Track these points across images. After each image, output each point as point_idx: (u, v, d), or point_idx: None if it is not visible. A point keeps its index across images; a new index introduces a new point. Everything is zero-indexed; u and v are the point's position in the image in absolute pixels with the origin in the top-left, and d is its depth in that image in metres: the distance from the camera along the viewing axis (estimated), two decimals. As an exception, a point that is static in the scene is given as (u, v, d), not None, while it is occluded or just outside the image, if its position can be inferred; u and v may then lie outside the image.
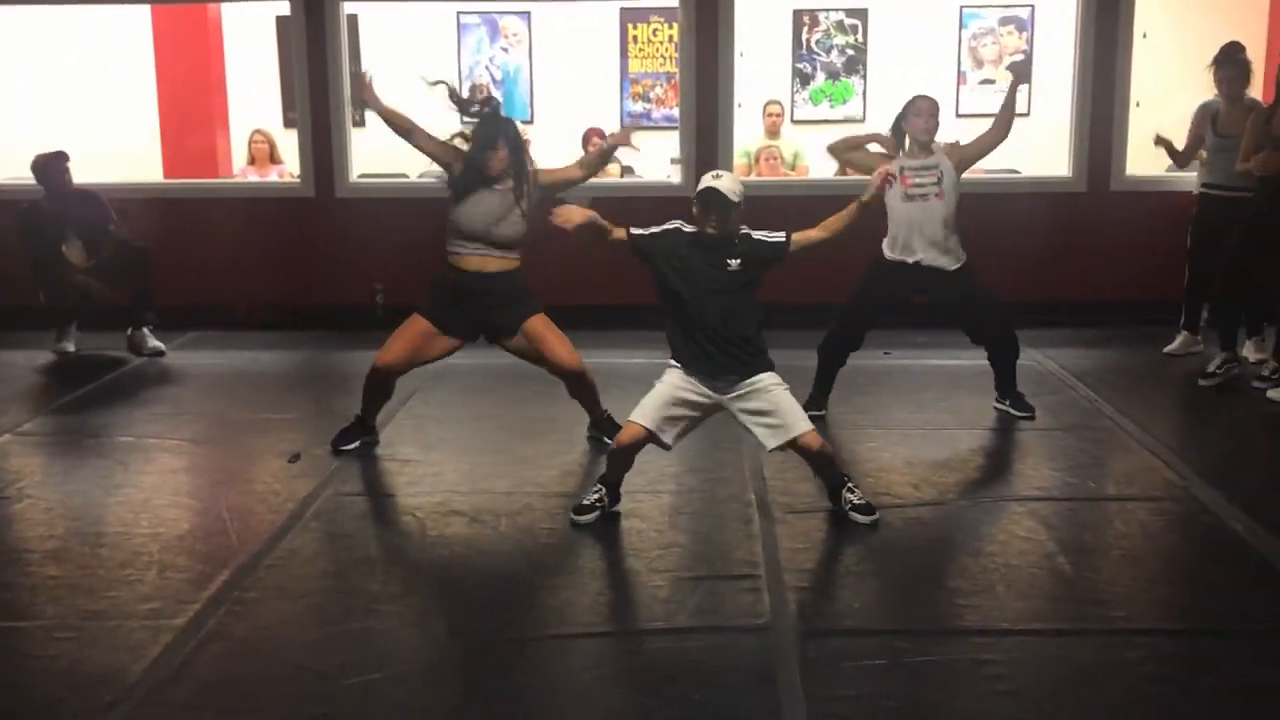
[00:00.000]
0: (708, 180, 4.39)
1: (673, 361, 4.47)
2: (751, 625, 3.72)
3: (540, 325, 5.30)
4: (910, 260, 5.75)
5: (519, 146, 5.20)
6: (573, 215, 4.44)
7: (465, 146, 5.25)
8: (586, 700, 3.31)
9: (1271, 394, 6.13)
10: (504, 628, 3.71)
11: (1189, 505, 4.76)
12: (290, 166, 9.07)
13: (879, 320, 6.01)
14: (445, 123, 5.43)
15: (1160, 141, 7.23)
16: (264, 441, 5.72)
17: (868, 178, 4.83)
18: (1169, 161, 7.57)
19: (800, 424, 4.43)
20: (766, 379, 4.43)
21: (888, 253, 5.83)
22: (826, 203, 7.80)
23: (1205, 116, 6.92)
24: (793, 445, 4.45)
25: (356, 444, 5.48)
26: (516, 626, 3.71)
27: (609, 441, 5.02)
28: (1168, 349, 7.20)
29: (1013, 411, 5.95)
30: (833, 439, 5.60)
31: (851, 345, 6.05)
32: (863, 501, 4.56)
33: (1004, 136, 6.02)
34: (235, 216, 8.31)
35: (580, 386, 5.44)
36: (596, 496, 4.57)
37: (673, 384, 4.44)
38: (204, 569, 4.17)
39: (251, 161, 9.29)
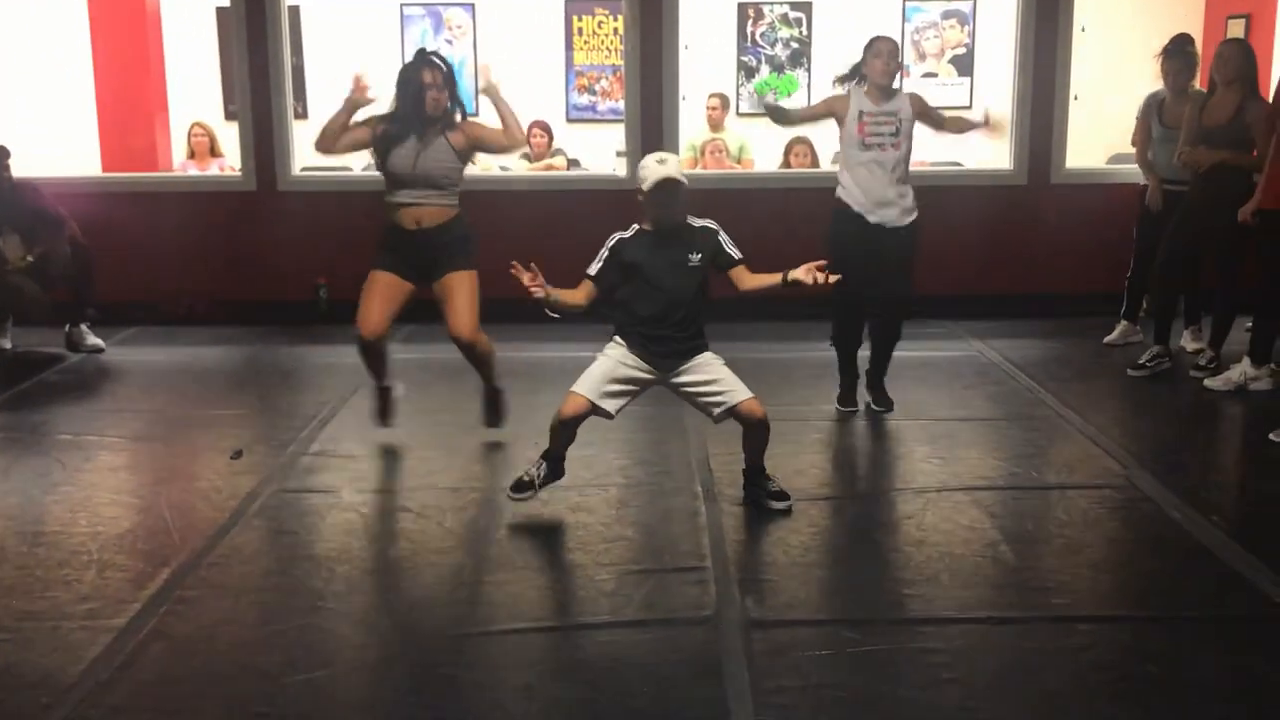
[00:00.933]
0: (658, 169, 4.33)
1: (617, 339, 4.50)
2: (698, 618, 3.72)
3: (456, 282, 5.21)
4: (870, 218, 5.65)
5: (451, 82, 5.21)
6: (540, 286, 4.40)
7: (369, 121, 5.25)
8: (532, 695, 3.29)
9: (1209, 383, 6.23)
10: (449, 624, 3.69)
11: (1129, 493, 4.82)
12: (231, 160, 8.96)
13: (868, 284, 5.64)
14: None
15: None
16: (206, 438, 5.65)
17: (810, 170, 4.86)
18: (1109, 154, 7.68)
19: (742, 392, 4.50)
20: (707, 355, 4.53)
21: (847, 201, 5.71)
22: (772, 196, 7.88)
23: (1151, 108, 6.99)
24: (735, 413, 4.50)
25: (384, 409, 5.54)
26: (461, 622, 3.69)
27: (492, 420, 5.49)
28: (1108, 339, 7.29)
29: (875, 406, 5.90)
30: (777, 430, 5.61)
31: (858, 325, 5.91)
32: (778, 489, 4.61)
33: (947, 131, 6.05)
34: (176, 211, 8.18)
35: (472, 356, 5.36)
36: (534, 473, 4.55)
37: (616, 359, 4.47)
38: (144, 568, 4.11)
39: (192, 155, 9.17)
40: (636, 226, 4.49)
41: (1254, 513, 4.79)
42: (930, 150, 8.12)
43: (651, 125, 8.04)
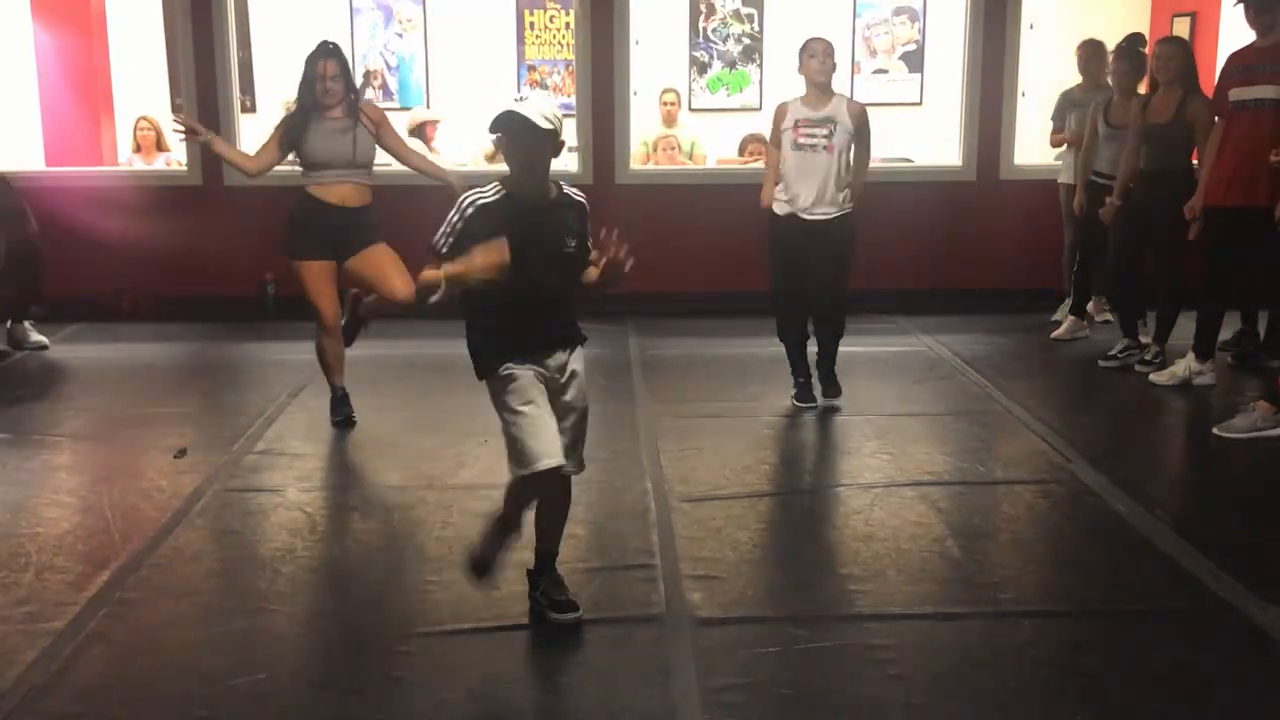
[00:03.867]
0: (511, 102, 3.28)
1: (509, 366, 3.42)
2: (646, 615, 3.71)
3: (381, 253, 5.51)
4: (804, 216, 5.70)
5: (348, 72, 5.53)
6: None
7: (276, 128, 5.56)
8: (478, 697, 3.27)
9: (1154, 378, 6.29)
10: (395, 625, 3.65)
11: (1073, 487, 4.86)
12: (178, 154, 8.84)
13: (808, 282, 5.82)
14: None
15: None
16: (149, 436, 5.57)
17: (764, 166, 4.81)
18: (1056, 151, 7.75)
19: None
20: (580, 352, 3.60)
21: (778, 208, 5.79)
22: (725, 192, 7.90)
23: (1098, 107, 7.04)
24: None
25: (348, 414, 5.63)
26: (407, 623, 3.65)
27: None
28: (1055, 334, 7.35)
29: (824, 396, 5.95)
30: (727, 427, 5.63)
31: (801, 319, 5.97)
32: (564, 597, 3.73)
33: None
34: (120, 205, 8.07)
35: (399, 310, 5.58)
36: (491, 552, 3.70)
37: (528, 390, 3.42)
38: (84, 569, 4.04)
39: (137, 149, 9.05)
40: (495, 184, 3.40)
41: (1197, 506, 4.84)
42: (880, 147, 8.14)
43: (603, 120, 8.03)
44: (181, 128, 5.77)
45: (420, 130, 8.72)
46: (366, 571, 4.13)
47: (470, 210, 3.31)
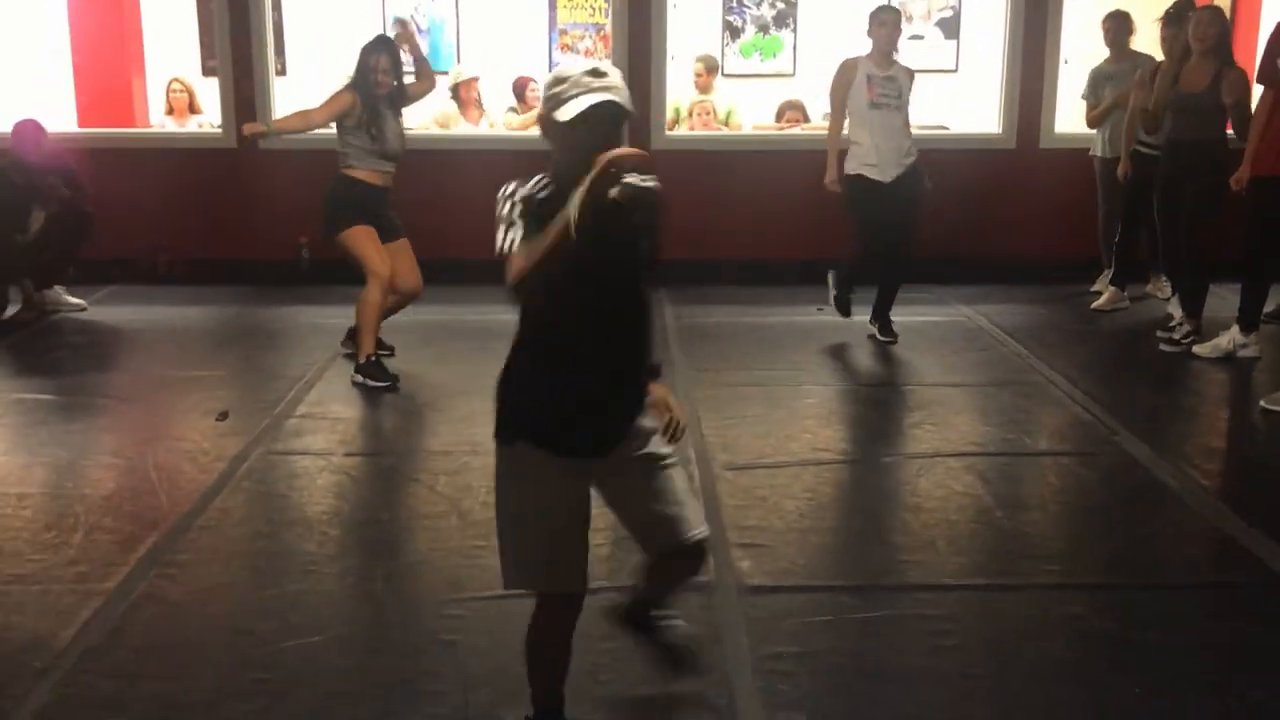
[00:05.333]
0: (591, 80, 2.41)
1: (534, 447, 2.55)
2: (695, 584, 3.67)
3: (406, 245, 5.93)
4: (885, 180, 6.18)
5: (398, 65, 5.81)
6: None
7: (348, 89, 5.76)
8: (533, 661, 3.26)
9: (1198, 349, 6.22)
10: (445, 588, 3.65)
11: (1120, 459, 4.82)
12: (210, 116, 8.82)
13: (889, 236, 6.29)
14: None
15: None
16: (190, 399, 5.57)
17: (802, 131, 4.82)
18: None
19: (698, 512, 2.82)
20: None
21: (865, 171, 6.19)
22: (763, 158, 7.84)
23: (1146, 75, 6.90)
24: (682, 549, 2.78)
25: (384, 382, 5.65)
26: (457, 587, 3.65)
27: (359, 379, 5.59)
28: (1095, 305, 7.29)
29: (880, 336, 6.41)
30: (770, 396, 5.60)
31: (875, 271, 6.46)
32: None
33: None
34: (155, 168, 8.06)
35: (402, 306, 5.99)
36: None
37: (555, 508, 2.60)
38: (133, 530, 4.06)
39: (170, 111, 9.01)
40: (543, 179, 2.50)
41: (1246, 479, 4.80)
42: (917, 114, 8.07)
43: (639, 85, 7.95)
44: (249, 134, 6.00)
45: (457, 91, 8.69)
46: (414, 535, 4.14)
47: (519, 202, 2.44)
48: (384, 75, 5.71)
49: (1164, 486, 4.52)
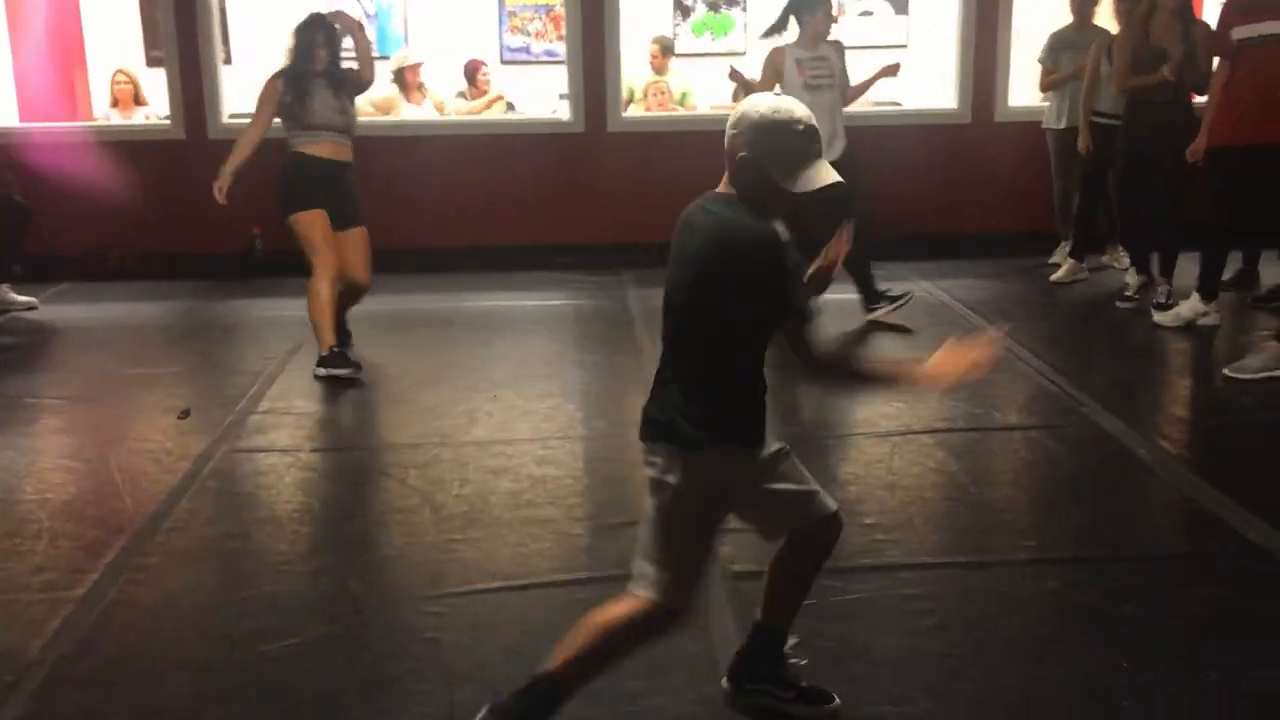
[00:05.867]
0: (814, 146, 2.55)
1: (728, 443, 2.64)
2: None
3: (359, 237, 5.83)
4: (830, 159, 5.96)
5: (335, 41, 5.82)
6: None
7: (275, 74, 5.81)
8: (519, 654, 3.21)
9: (1158, 319, 6.27)
10: (423, 585, 3.60)
11: (1088, 430, 4.85)
12: (157, 108, 8.66)
13: None
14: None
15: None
16: (150, 398, 5.48)
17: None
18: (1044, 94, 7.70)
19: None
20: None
21: None
22: (720, 139, 7.71)
23: (1101, 47, 6.97)
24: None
25: (347, 370, 5.55)
26: (437, 583, 3.60)
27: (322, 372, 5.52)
28: (1054, 277, 7.33)
29: (887, 308, 6.38)
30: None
31: None
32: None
33: (843, 105, 6.45)
34: (102, 161, 7.89)
35: (353, 299, 5.92)
36: None
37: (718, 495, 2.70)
38: (99, 535, 3.97)
39: (115, 104, 8.84)
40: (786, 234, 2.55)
41: (1213, 448, 4.83)
42: (871, 91, 8.06)
43: (594, 67, 7.90)
44: (222, 193, 5.84)
45: (401, 75, 8.58)
46: (388, 531, 4.07)
47: (787, 254, 2.51)
48: (320, 50, 5.72)
49: (1133, 456, 4.55)
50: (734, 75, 6.67)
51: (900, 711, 2.96)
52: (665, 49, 9.19)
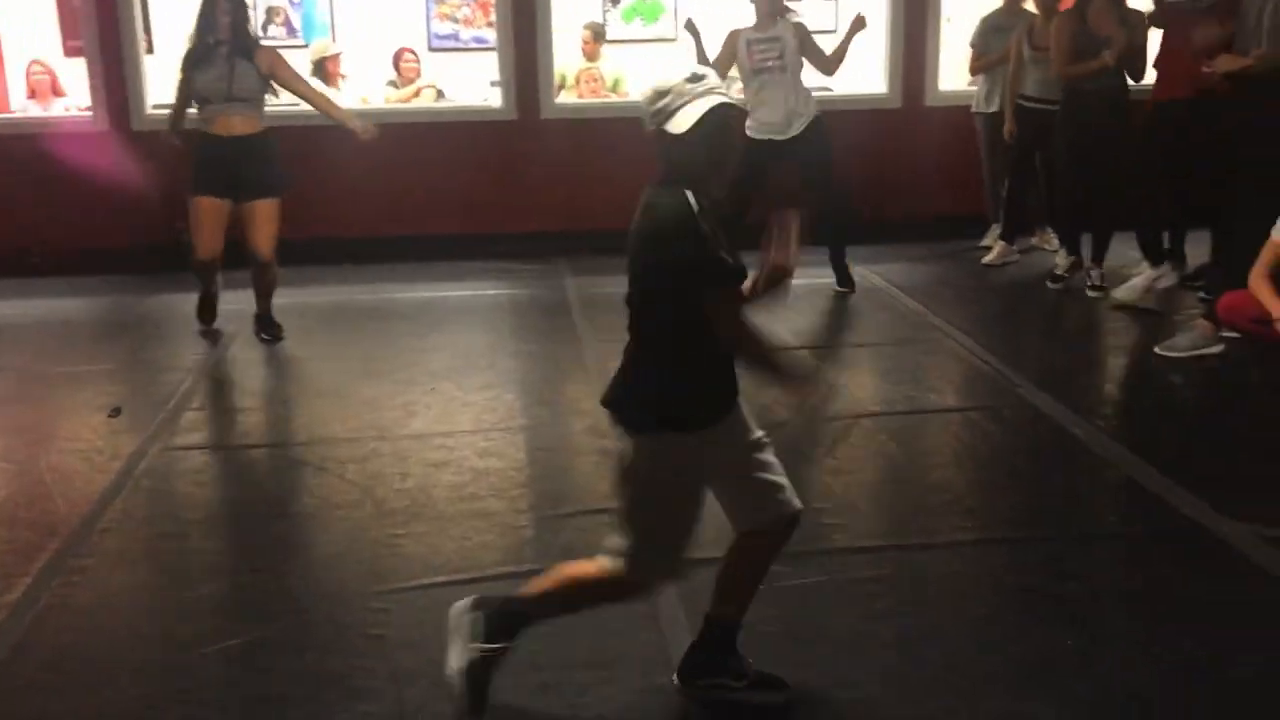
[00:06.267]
0: (694, 87, 2.58)
1: (673, 427, 2.66)
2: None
3: (263, 209, 5.76)
4: (778, 138, 6.34)
5: (240, 8, 5.73)
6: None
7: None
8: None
9: (1117, 293, 6.29)
10: (367, 581, 3.55)
11: (1025, 411, 4.90)
12: (76, 99, 8.45)
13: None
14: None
15: None
16: (79, 396, 5.35)
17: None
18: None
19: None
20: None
21: (753, 133, 6.27)
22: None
23: (1021, 32, 7.05)
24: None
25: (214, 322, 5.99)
26: (380, 579, 3.55)
27: (266, 338, 5.80)
28: (986, 260, 7.40)
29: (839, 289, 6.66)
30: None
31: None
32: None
33: (828, 75, 6.69)
34: (21, 155, 7.70)
35: (264, 276, 5.91)
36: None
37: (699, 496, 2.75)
38: (31, 538, 3.87)
39: (32, 95, 8.61)
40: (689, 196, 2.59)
41: (1148, 425, 4.91)
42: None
43: (525, 53, 7.84)
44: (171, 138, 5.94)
45: (322, 66, 8.45)
46: (329, 528, 4.01)
47: (696, 225, 2.54)
48: (224, 18, 5.64)
49: (1070, 436, 4.61)
50: (689, 26, 6.69)
51: (851, 695, 2.98)
52: (597, 35, 9.12)
